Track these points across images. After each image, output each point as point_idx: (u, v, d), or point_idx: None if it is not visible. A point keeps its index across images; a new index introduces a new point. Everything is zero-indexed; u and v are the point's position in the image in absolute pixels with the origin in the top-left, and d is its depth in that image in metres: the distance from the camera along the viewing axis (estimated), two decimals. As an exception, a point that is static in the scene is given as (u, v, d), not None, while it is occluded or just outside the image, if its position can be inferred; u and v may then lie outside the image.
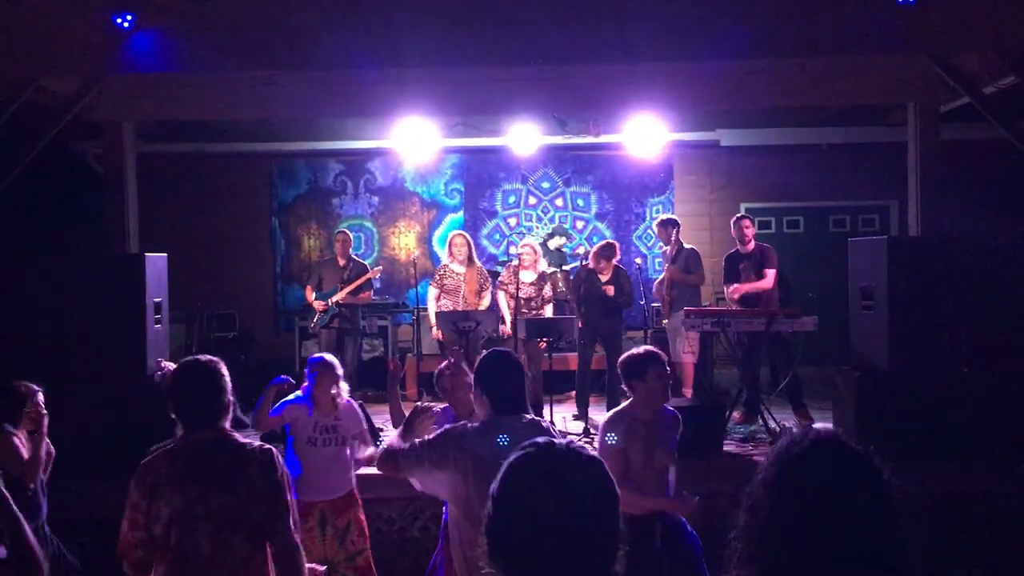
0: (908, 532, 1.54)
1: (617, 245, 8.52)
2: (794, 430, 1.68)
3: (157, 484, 3.04)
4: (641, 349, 4.35)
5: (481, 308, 8.42)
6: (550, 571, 1.47)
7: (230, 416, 3.21)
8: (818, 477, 1.57)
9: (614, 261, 8.32)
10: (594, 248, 8.56)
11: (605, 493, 1.53)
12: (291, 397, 5.09)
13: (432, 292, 8.61)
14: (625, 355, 4.35)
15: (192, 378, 3.21)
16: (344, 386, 5.01)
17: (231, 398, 3.21)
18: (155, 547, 3.02)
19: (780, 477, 1.59)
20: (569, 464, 1.54)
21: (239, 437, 3.20)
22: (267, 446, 3.18)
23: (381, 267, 10.10)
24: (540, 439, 1.61)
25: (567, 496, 1.49)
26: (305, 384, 5.04)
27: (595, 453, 1.60)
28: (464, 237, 8.66)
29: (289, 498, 3.13)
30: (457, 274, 8.53)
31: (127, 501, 3.07)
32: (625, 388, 4.28)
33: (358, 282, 8.73)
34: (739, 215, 8.30)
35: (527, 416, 3.58)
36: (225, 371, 3.24)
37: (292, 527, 3.11)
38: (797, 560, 1.52)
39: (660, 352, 4.34)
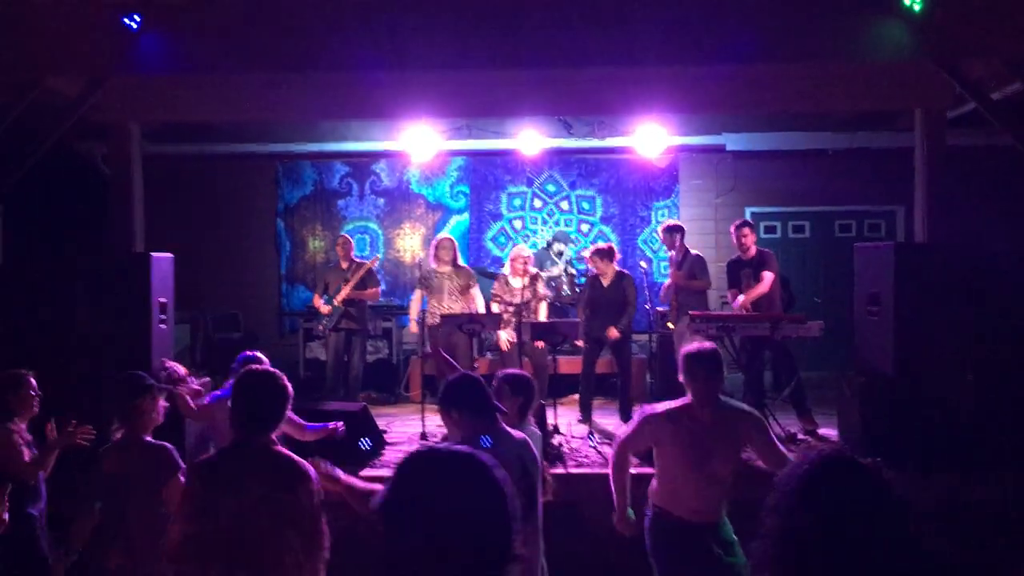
0: (920, 544, 1.54)
1: (615, 247, 8.51)
2: (802, 453, 1.69)
3: (215, 483, 3.14)
4: (695, 345, 4.17)
5: (473, 306, 8.46)
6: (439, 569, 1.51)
7: (281, 426, 3.34)
8: (828, 495, 1.57)
9: (615, 264, 8.31)
10: (591, 248, 8.55)
11: (485, 488, 1.57)
12: (219, 391, 5.13)
13: (417, 293, 8.68)
14: (683, 349, 4.20)
15: (261, 385, 3.32)
16: None
17: (287, 409, 3.33)
18: (214, 544, 3.09)
19: (790, 499, 1.59)
20: (449, 465, 1.59)
21: (283, 449, 3.31)
22: (309, 466, 3.26)
23: (378, 256, 10.10)
24: (421, 446, 1.68)
25: (449, 496, 1.53)
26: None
27: (476, 452, 1.64)
28: (451, 241, 8.71)
29: (324, 527, 3.22)
30: (440, 274, 8.57)
31: (180, 500, 3.21)
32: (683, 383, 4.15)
33: (358, 275, 8.73)
34: (739, 223, 8.29)
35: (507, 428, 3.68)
36: (287, 383, 3.36)
37: (323, 544, 3.20)
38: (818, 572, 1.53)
39: (715, 349, 4.19)
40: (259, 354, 5.12)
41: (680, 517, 4.09)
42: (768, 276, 7.96)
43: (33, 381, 4.72)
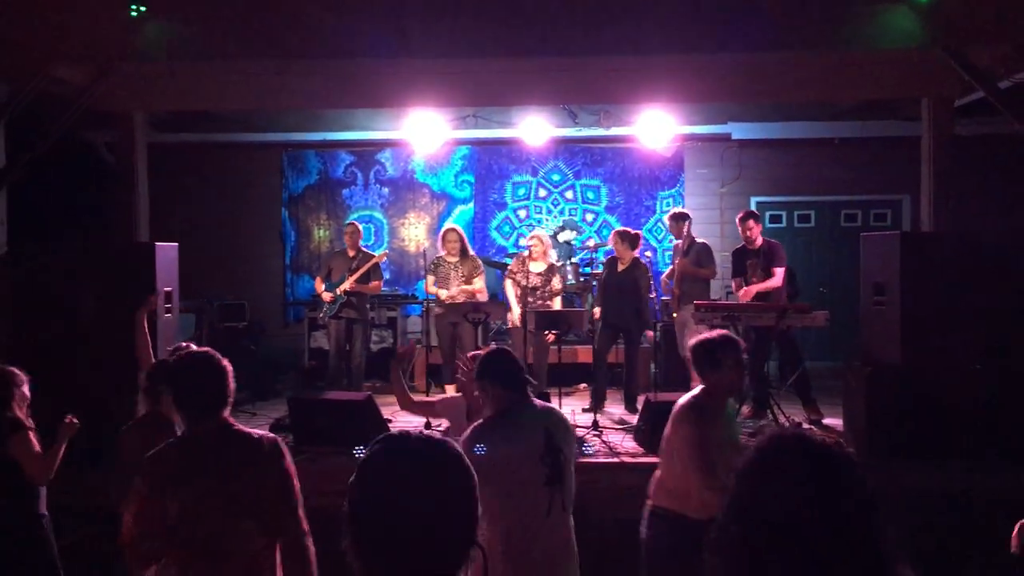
0: (883, 526, 1.54)
1: (641, 234, 8.48)
2: (762, 435, 1.68)
3: (166, 476, 3.03)
4: (715, 333, 4.12)
5: (473, 290, 8.50)
6: (407, 555, 1.55)
7: (230, 406, 3.22)
8: (786, 475, 1.57)
9: (635, 251, 8.29)
10: (616, 230, 8.54)
11: (458, 478, 1.62)
12: None
13: (429, 279, 8.72)
14: (698, 339, 4.12)
15: (195, 369, 3.21)
16: None
17: (232, 387, 3.22)
18: (165, 539, 3.00)
19: (747, 481, 1.60)
20: (417, 451, 1.63)
21: (243, 427, 3.21)
22: (273, 436, 3.20)
23: (387, 252, 10.09)
24: (393, 432, 1.70)
25: (416, 482, 1.57)
26: None
27: (441, 438, 1.68)
28: (456, 232, 8.74)
29: (298, 489, 3.13)
30: (449, 263, 8.65)
31: (132, 493, 3.08)
32: (697, 375, 4.07)
33: (364, 267, 8.74)
34: (743, 214, 8.24)
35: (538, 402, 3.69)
36: (225, 361, 3.25)
37: (302, 518, 3.11)
38: (774, 557, 1.52)
39: (736, 336, 4.12)
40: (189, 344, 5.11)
41: (686, 515, 3.96)
42: (779, 272, 7.93)
43: (26, 389, 4.53)
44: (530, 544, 3.45)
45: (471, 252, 8.92)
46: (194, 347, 4.97)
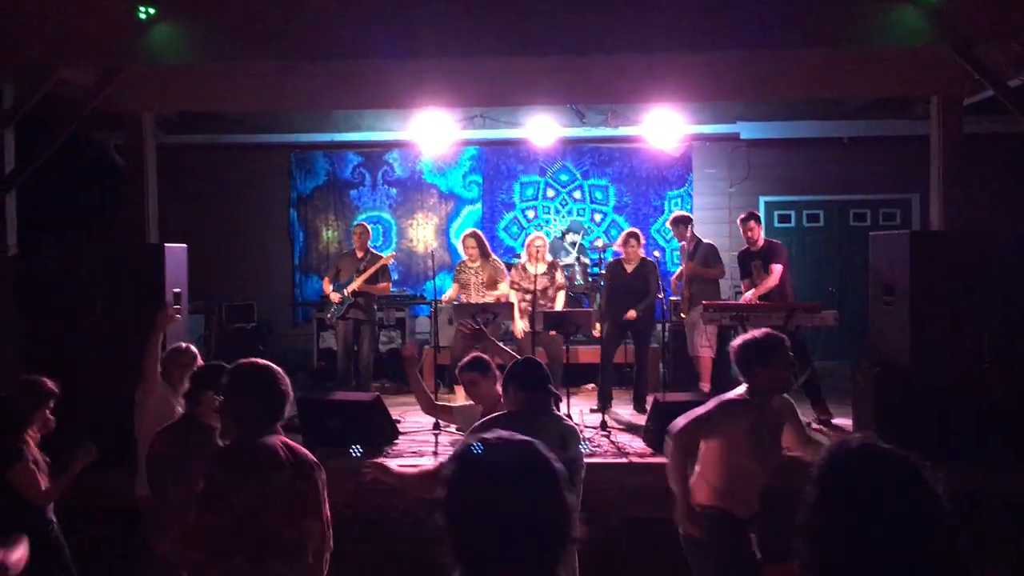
0: (957, 533, 1.54)
1: (636, 233, 8.47)
2: (833, 442, 1.69)
3: (229, 472, 3.17)
4: (760, 332, 4.05)
5: (495, 295, 8.44)
6: (503, 557, 1.57)
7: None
8: (864, 485, 1.56)
9: (640, 251, 8.29)
10: (629, 232, 8.53)
11: (545, 476, 1.63)
12: None
13: (453, 287, 8.70)
14: (743, 338, 4.07)
15: (260, 379, 3.33)
16: None
17: (291, 399, 3.37)
18: (219, 536, 3.12)
19: (826, 493, 1.60)
20: (507, 455, 1.65)
21: (293, 443, 3.35)
22: (314, 458, 3.33)
23: (395, 253, 10.10)
24: (488, 435, 1.71)
25: (511, 484, 1.60)
26: None
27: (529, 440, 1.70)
28: (474, 238, 8.69)
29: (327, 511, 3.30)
30: (469, 269, 8.62)
31: (197, 486, 3.21)
32: (740, 375, 4.01)
33: (372, 269, 8.74)
34: (744, 215, 8.29)
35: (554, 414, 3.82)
36: (286, 377, 3.38)
37: (329, 532, 3.29)
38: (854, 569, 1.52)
39: (781, 335, 4.08)
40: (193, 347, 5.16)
41: (732, 513, 3.96)
42: (776, 268, 7.94)
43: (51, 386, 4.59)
44: None
45: (492, 255, 8.81)
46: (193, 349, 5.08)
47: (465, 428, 4.49)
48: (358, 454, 6.38)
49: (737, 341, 4.07)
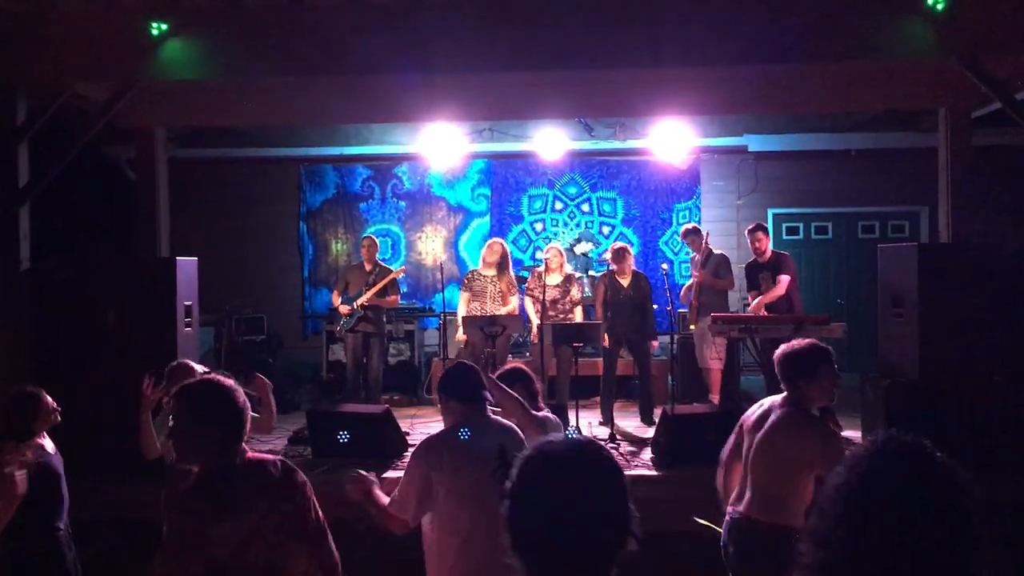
0: (983, 538, 1.54)
1: (629, 248, 8.52)
2: (870, 438, 1.68)
3: (199, 514, 2.90)
4: (805, 342, 3.95)
5: (505, 311, 8.43)
6: (565, 554, 1.61)
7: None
8: (893, 481, 1.57)
9: (628, 264, 8.32)
10: (613, 247, 8.57)
11: (610, 479, 1.68)
12: None
13: (463, 296, 8.62)
14: (787, 348, 3.94)
15: (227, 399, 3.02)
16: None
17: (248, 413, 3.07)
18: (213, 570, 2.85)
19: (853, 483, 1.60)
20: (577, 455, 1.69)
21: (257, 454, 3.09)
22: (281, 459, 3.09)
23: (405, 268, 10.12)
24: (553, 436, 1.77)
25: (576, 484, 1.64)
26: None
27: (597, 441, 1.76)
28: (502, 245, 8.69)
29: (321, 517, 3.07)
30: (484, 277, 8.58)
31: (167, 531, 2.94)
32: (786, 385, 3.90)
33: (382, 283, 8.78)
34: (751, 227, 8.34)
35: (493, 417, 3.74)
36: (236, 387, 3.08)
37: (332, 546, 3.06)
38: (873, 565, 1.52)
39: (827, 346, 3.98)
40: (189, 362, 5.03)
41: (792, 526, 3.81)
42: (784, 279, 7.96)
43: (47, 398, 4.49)
44: (490, 554, 3.44)
45: (510, 269, 8.79)
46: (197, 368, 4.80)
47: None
48: (345, 439, 6.50)
49: (781, 351, 3.96)
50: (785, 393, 3.93)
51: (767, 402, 4.05)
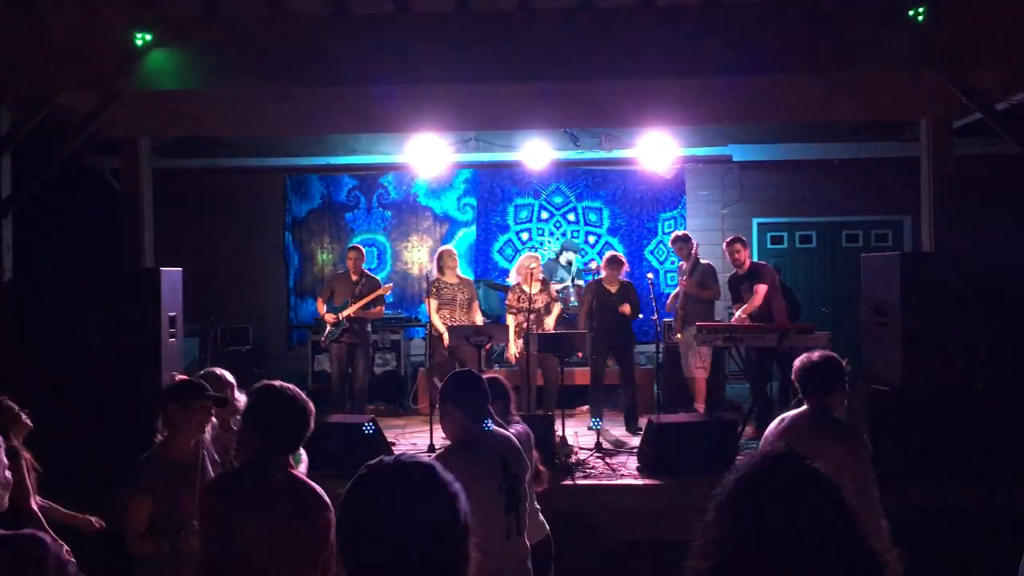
0: (863, 544, 1.58)
1: (623, 258, 8.59)
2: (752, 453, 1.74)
3: (231, 502, 2.99)
4: (817, 355, 3.98)
5: (474, 320, 8.56)
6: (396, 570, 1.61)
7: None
8: (771, 491, 1.61)
9: (620, 274, 8.39)
10: (607, 255, 8.63)
11: (434, 498, 1.68)
12: None
13: (432, 304, 8.68)
14: (806, 361, 3.98)
15: (284, 404, 3.18)
16: None
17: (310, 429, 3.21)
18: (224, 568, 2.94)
19: (735, 495, 1.64)
20: (403, 473, 1.69)
21: (303, 476, 3.20)
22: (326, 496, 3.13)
23: (392, 284, 10.13)
24: (384, 457, 1.75)
25: (399, 505, 1.64)
26: None
27: (427, 461, 1.73)
28: (453, 255, 8.86)
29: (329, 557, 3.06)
30: (450, 285, 8.70)
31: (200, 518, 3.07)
32: (806, 396, 3.95)
33: (368, 298, 8.77)
34: (729, 239, 8.40)
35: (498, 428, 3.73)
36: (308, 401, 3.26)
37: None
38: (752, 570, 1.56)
39: (839, 359, 4.02)
40: (219, 370, 4.99)
41: None
42: (760, 289, 8.00)
43: (11, 404, 4.43)
44: (492, 566, 3.47)
45: (469, 276, 8.99)
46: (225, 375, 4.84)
47: None
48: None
49: (800, 363, 4.00)
50: (806, 406, 3.97)
51: (787, 417, 4.07)
